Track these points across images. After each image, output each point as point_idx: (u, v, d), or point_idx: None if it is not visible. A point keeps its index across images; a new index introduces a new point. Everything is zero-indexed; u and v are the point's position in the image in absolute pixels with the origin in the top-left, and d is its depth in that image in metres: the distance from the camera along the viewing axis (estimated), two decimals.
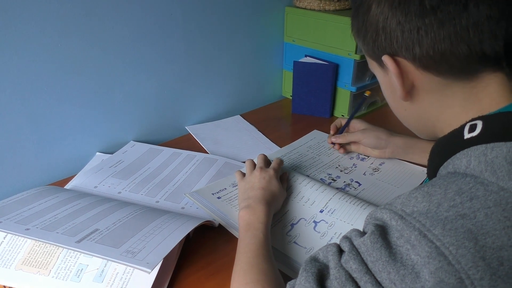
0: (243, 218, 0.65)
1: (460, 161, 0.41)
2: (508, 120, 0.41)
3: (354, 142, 0.93)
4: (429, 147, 0.85)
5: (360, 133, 0.90)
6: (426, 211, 0.38)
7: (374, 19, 0.46)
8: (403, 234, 0.38)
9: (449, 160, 0.44)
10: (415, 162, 0.89)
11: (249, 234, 0.61)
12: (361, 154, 0.94)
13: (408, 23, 0.43)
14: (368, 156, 0.93)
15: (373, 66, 0.53)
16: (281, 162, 0.80)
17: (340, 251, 0.44)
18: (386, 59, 0.46)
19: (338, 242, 0.45)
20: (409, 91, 0.48)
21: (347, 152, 0.94)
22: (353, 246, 0.42)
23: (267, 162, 0.80)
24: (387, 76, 0.50)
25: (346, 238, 0.44)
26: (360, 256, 0.40)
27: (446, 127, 0.47)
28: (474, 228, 0.35)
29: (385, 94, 0.55)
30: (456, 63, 0.43)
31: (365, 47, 0.51)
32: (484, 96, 0.44)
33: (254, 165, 0.78)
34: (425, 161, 0.85)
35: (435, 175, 0.47)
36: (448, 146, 0.45)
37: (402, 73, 0.47)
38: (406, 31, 0.44)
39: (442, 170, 0.45)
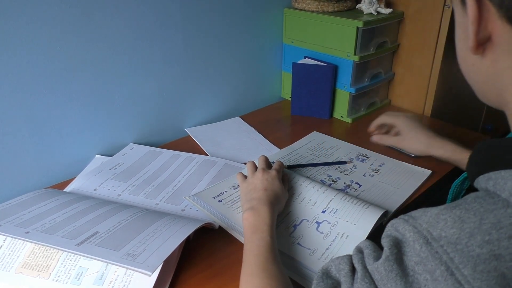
0: (248, 220, 0.64)
1: (505, 182, 0.35)
2: None
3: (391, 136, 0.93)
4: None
5: (401, 139, 0.90)
6: (456, 240, 0.33)
7: None
8: (425, 263, 0.34)
9: (491, 174, 0.37)
10: (459, 166, 0.84)
11: (257, 237, 0.61)
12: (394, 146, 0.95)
13: None
14: (368, 157, 0.93)
15: (455, 0, 0.43)
16: (282, 164, 0.80)
17: (353, 270, 0.41)
18: None
19: (351, 253, 0.43)
20: (483, 44, 0.39)
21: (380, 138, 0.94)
22: (366, 271, 0.39)
23: (268, 163, 0.80)
24: (465, 17, 0.40)
25: (360, 253, 0.41)
26: (374, 284, 0.38)
27: None
28: (509, 273, 0.31)
29: (457, 39, 0.45)
30: None
31: None
32: None
33: (255, 166, 0.78)
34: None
35: (473, 178, 0.42)
36: (495, 155, 0.39)
37: (480, 20, 0.37)
38: None
39: (481, 182, 0.39)
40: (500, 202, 0.34)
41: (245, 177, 0.77)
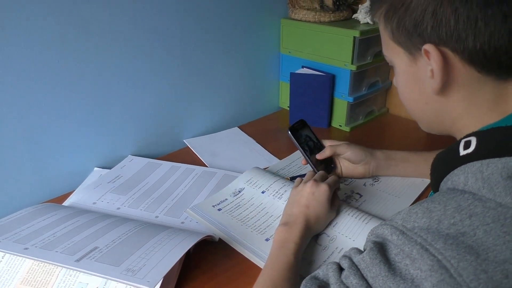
0: (279, 234, 0.64)
1: (458, 177, 0.42)
2: (501, 135, 0.42)
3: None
4: (408, 156, 0.84)
5: (346, 145, 0.82)
6: (427, 227, 0.39)
7: (422, 1, 0.42)
8: (403, 249, 0.39)
9: (448, 176, 0.45)
10: (400, 175, 0.86)
11: (281, 252, 0.61)
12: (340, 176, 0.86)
13: (466, 12, 0.39)
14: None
15: (395, 52, 0.48)
16: (338, 180, 0.74)
17: (340, 269, 0.44)
18: (430, 48, 0.42)
19: (337, 260, 0.46)
20: (445, 84, 0.45)
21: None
22: (352, 263, 0.42)
23: (325, 178, 0.73)
24: (414, 66, 0.46)
25: (345, 256, 0.44)
26: (360, 272, 0.41)
27: (464, 128, 0.46)
28: (475, 245, 0.36)
29: (403, 85, 0.51)
30: (507, 62, 0.41)
31: (397, 31, 0.45)
32: (511, 98, 0.43)
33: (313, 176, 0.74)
34: (408, 171, 0.85)
35: (437, 189, 0.48)
36: (446, 161, 0.46)
37: (445, 66, 0.43)
38: (462, 20, 0.40)
39: (443, 186, 0.46)
40: (458, 191, 0.41)
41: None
